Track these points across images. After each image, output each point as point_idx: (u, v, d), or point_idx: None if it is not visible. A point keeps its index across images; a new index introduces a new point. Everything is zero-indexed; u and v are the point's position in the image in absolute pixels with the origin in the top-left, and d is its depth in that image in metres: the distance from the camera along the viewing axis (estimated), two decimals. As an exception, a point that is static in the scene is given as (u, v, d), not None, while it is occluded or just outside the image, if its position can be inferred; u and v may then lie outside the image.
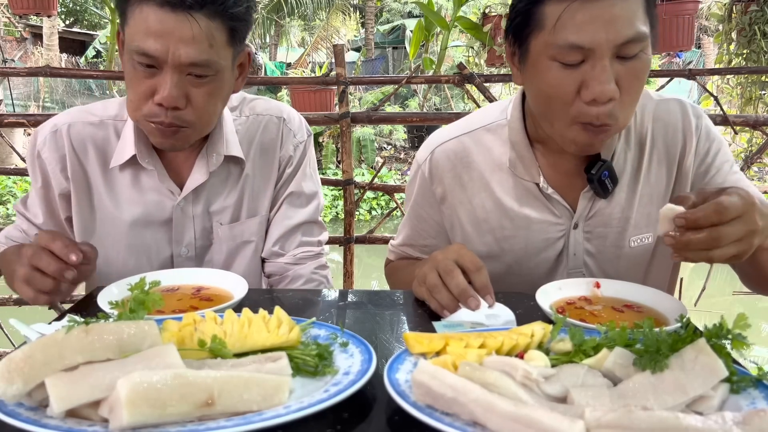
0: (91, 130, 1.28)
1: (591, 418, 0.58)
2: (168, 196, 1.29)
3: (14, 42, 15.56)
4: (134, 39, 1.08)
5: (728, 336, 0.70)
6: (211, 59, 1.10)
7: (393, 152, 11.68)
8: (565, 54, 1.02)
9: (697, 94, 11.05)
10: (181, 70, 1.09)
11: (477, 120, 1.31)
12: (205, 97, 1.13)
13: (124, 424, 0.58)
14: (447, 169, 1.29)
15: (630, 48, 1.00)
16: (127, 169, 1.27)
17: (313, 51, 17.17)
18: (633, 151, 1.23)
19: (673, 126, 1.22)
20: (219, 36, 1.10)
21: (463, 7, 3.08)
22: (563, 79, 1.04)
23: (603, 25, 0.99)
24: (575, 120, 1.06)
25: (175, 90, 1.09)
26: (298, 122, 1.42)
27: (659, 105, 1.24)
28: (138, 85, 1.11)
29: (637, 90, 1.06)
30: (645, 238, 1.24)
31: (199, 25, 1.06)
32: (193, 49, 1.07)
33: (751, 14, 2.82)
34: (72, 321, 0.74)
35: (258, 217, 1.38)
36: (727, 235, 0.87)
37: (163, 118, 1.12)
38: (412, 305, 1.10)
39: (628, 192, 1.22)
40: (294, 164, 1.40)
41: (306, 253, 1.41)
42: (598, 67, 1.00)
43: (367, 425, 0.68)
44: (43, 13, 3.05)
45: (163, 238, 1.32)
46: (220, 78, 1.15)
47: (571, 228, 1.23)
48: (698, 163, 1.23)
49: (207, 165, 1.28)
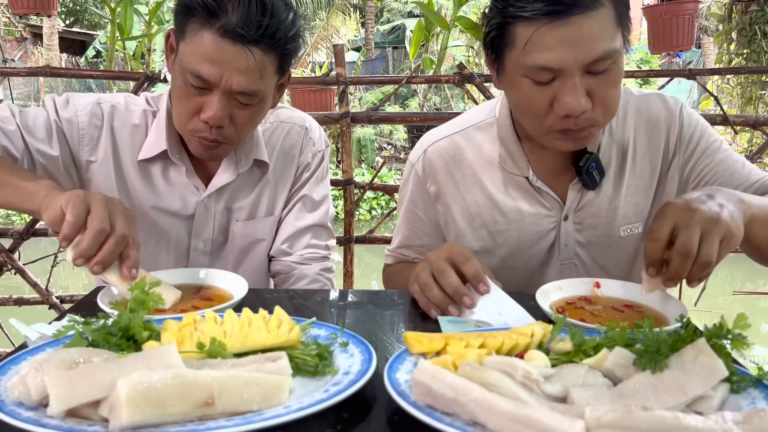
0: (133, 118, 1.32)
1: (591, 418, 0.58)
2: (193, 192, 1.34)
3: (14, 42, 15.55)
4: (190, 60, 1.12)
5: (728, 336, 0.71)
6: (259, 89, 1.16)
7: (393, 152, 11.68)
8: (536, 74, 1.05)
9: (697, 94, 11.05)
10: (230, 95, 1.15)
11: (467, 119, 1.34)
12: (246, 119, 1.21)
13: (124, 423, 0.58)
14: (440, 167, 1.31)
15: (599, 65, 1.03)
16: (157, 161, 1.32)
17: (313, 51, 17.15)
18: (617, 144, 1.26)
19: (654, 118, 1.26)
20: (269, 67, 1.16)
21: (463, 7, 3.08)
22: (536, 96, 1.08)
23: (571, 47, 1.01)
24: (551, 129, 1.10)
25: (222, 111, 1.15)
26: (318, 133, 1.49)
27: (640, 99, 1.28)
28: (187, 100, 1.17)
29: (612, 95, 1.08)
30: (635, 227, 1.27)
31: (254, 58, 1.12)
32: (245, 78, 1.12)
33: (751, 14, 2.82)
34: (72, 321, 0.74)
35: (272, 217, 1.43)
36: (690, 238, 0.88)
37: (207, 134, 1.18)
38: (412, 305, 1.10)
39: (614, 183, 1.26)
40: (311, 170, 1.46)
41: (313, 254, 1.45)
42: (569, 84, 1.04)
43: (367, 425, 0.68)
44: (43, 13, 3.05)
45: (183, 231, 1.36)
46: (264, 103, 1.22)
47: (561, 220, 1.26)
48: (683, 150, 1.26)
49: (235, 166, 1.34)
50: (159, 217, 1.34)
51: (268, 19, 1.10)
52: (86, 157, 1.30)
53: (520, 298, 1.02)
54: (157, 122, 1.31)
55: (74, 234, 0.96)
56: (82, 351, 0.70)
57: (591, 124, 1.09)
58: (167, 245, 1.36)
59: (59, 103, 1.29)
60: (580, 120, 1.06)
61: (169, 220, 1.35)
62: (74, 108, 1.28)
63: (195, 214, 1.35)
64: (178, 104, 1.19)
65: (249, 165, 1.34)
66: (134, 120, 1.31)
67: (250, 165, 1.35)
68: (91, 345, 0.74)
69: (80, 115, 1.28)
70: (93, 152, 1.30)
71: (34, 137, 1.23)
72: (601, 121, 1.09)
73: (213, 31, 1.09)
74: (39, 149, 1.23)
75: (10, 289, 3.16)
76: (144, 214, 1.33)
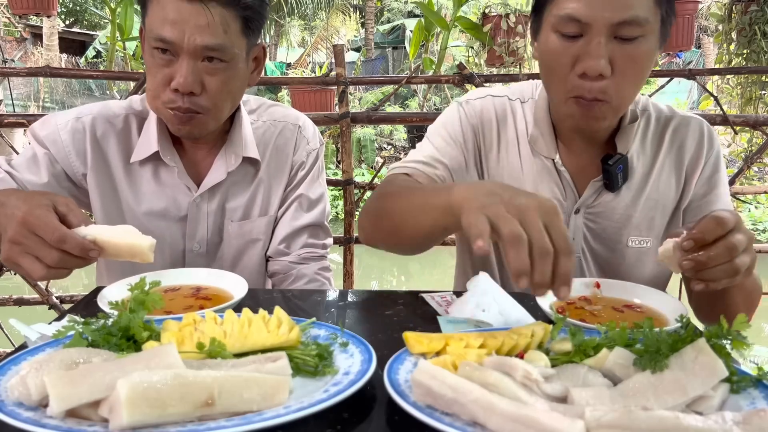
0: (116, 124, 1.32)
1: (591, 418, 0.58)
2: (185, 193, 1.34)
3: (14, 42, 15.54)
4: (153, 28, 1.15)
5: (728, 336, 0.70)
6: (225, 44, 1.16)
7: (393, 152, 11.67)
8: (564, 24, 1.06)
9: (697, 94, 11.04)
10: (197, 56, 1.15)
11: (517, 92, 1.34)
12: (219, 84, 1.19)
13: (124, 424, 0.58)
14: (491, 117, 1.30)
15: (627, 30, 1.03)
16: (148, 163, 1.32)
17: (313, 51, 17.16)
18: (647, 155, 1.26)
19: (690, 142, 1.27)
20: (233, 24, 1.17)
21: (463, 7, 3.08)
22: (561, 52, 1.08)
23: (601, 3, 1.02)
24: (569, 94, 1.10)
25: (191, 76, 1.15)
26: (312, 131, 1.48)
27: (682, 120, 1.28)
28: (156, 73, 1.18)
29: (634, 74, 1.08)
30: (644, 241, 1.26)
31: (212, 14, 1.13)
32: (207, 34, 1.14)
33: (751, 14, 2.82)
34: (72, 321, 0.74)
35: (267, 216, 1.42)
36: (739, 243, 0.87)
37: (180, 103, 1.18)
38: (412, 305, 1.10)
39: (635, 192, 1.25)
40: (306, 169, 1.45)
41: (311, 253, 1.45)
42: (593, 43, 1.04)
43: (367, 425, 0.68)
44: (43, 13, 3.05)
45: (178, 233, 1.36)
46: (234, 66, 1.20)
47: (572, 212, 1.26)
48: (701, 183, 1.27)
49: (226, 165, 1.33)
50: (152, 222, 1.33)
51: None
52: (81, 171, 1.31)
53: (520, 298, 1.02)
54: (148, 124, 1.31)
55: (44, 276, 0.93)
56: (82, 351, 0.70)
57: (603, 99, 1.07)
58: (162, 249, 1.35)
59: (37, 127, 1.31)
60: (594, 87, 1.06)
61: (162, 224, 1.34)
62: (54, 127, 1.29)
63: (187, 215, 1.35)
64: (149, 81, 1.20)
65: (238, 163, 1.34)
66: (117, 126, 1.32)
67: (239, 163, 1.34)
68: (90, 345, 0.74)
69: (62, 133, 1.29)
70: (83, 165, 1.31)
71: (20, 172, 1.26)
72: (614, 98, 1.08)
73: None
74: (29, 180, 1.26)
75: (10, 289, 3.15)
76: (137, 220, 1.32)
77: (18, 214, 0.89)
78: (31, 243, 0.89)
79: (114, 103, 1.37)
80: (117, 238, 0.92)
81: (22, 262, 0.91)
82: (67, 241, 0.89)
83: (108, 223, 1.29)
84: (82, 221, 0.94)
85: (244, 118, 1.37)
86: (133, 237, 0.93)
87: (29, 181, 1.26)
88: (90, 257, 0.92)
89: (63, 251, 0.90)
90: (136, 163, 1.32)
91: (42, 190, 1.25)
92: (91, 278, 1.30)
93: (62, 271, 0.93)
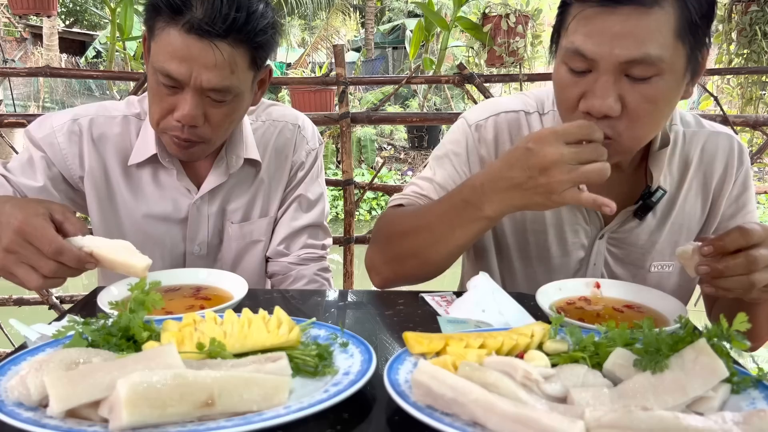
0: (113, 126, 1.30)
1: (591, 418, 0.58)
2: (185, 195, 1.33)
3: (14, 42, 15.54)
4: (159, 59, 1.11)
5: (728, 336, 0.70)
6: (231, 85, 1.13)
7: (393, 152, 11.67)
8: (571, 58, 0.98)
9: (697, 95, 11.03)
10: (202, 93, 1.13)
11: (533, 103, 1.25)
12: (222, 117, 1.18)
13: (124, 424, 0.58)
14: (505, 140, 1.22)
15: (639, 69, 0.94)
16: (147, 166, 1.30)
17: (313, 51, 17.13)
18: (674, 177, 1.20)
19: (719, 162, 1.21)
20: (241, 62, 1.13)
21: (463, 7, 3.08)
22: (568, 86, 1.01)
23: (610, 38, 0.93)
24: None
25: (195, 110, 1.13)
26: (311, 131, 1.47)
27: (710, 137, 1.21)
28: (160, 100, 1.16)
29: (648, 114, 0.98)
30: (667, 266, 1.23)
31: (222, 54, 1.09)
32: (214, 75, 1.10)
33: (751, 14, 2.82)
34: (72, 321, 0.74)
35: (267, 217, 1.42)
36: (762, 258, 0.85)
37: (180, 133, 1.16)
38: (412, 305, 1.10)
39: (660, 217, 1.21)
40: (305, 169, 1.44)
41: (310, 254, 1.44)
42: (600, 81, 0.96)
43: (367, 425, 0.68)
44: (43, 13, 3.05)
45: (178, 235, 1.35)
46: (239, 100, 1.19)
47: (597, 238, 1.23)
48: (729, 203, 1.23)
49: (226, 167, 1.32)
50: (151, 225, 1.32)
51: (235, 12, 1.08)
52: (78, 173, 1.30)
53: (520, 298, 1.02)
54: (145, 126, 1.29)
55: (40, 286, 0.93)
56: (82, 351, 0.70)
57: (611, 137, 0.97)
58: (162, 252, 1.34)
59: (33, 128, 1.29)
60: (602, 124, 0.96)
61: (162, 227, 1.33)
62: (51, 129, 1.27)
63: (188, 218, 1.33)
64: (152, 104, 1.18)
65: (240, 165, 1.33)
66: (115, 128, 1.30)
67: (241, 165, 1.33)
68: (90, 345, 0.74)
69: (58, 135, 1.27)
70: (80, 167, 1.29)
71: (15, 175, 1.25)
72: (624, 138, 0.99)
73: (179, 28, 1.07)
74: (25, 184, 1.24)
75: (10, 289, 3.15)
76: (136, 223, 1.31)
77: (14, 223, 0.88)
78: (26, 253, 0.88)
79: (111, 104, 1.35)
80: (113, 254, 0.91)
81: (16, 271, 0.90)
82: (64, 253, 0.88)
83: (105, 226, 1.29)
84: (79, 230, 0.92)
85: (244, 121, 1.35)
86: (129, 256, 0.91)
87: (25, 185, 1.24)
88: (86, 269, 0.92)
89: (59, 262, 0.89)
90: (134, 166, 1.30)
91: (38, 193, 1.24)
92: (91, 278, 1.30)
93: (57, 281, 0.92)
